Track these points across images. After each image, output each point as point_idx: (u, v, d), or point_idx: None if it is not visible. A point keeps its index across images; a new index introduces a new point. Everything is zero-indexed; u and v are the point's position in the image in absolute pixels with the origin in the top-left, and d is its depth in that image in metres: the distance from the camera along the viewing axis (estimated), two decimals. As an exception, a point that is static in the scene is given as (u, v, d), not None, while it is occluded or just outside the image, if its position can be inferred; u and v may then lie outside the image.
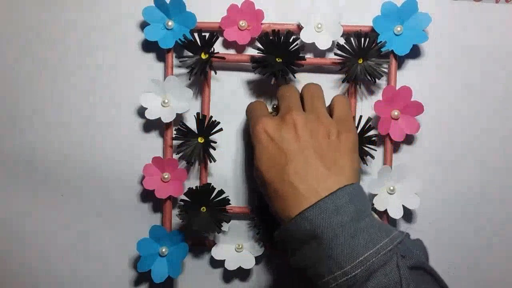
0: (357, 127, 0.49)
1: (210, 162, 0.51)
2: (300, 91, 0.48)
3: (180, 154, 0.50)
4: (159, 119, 0.50)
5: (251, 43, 0.51)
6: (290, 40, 0.48)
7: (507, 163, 0.53)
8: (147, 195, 0.53)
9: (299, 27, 0.50)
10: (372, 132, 0.50)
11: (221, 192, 0.50)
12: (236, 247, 0.52)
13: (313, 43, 0.50)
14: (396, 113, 0.50)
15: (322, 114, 0.44)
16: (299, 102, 0.46)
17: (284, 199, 0.41)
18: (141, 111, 0.52)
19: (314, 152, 0.41)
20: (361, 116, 0.50)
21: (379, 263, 0.37)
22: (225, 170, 0.53)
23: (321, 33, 0.50)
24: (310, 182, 0.40)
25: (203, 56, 0.49)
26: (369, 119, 0.50)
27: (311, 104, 0.45)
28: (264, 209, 0.51)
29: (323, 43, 0.50)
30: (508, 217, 0.53)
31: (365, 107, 0.52)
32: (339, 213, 0.38)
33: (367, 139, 0.50)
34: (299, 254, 0.40)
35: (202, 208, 0.50)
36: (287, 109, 0.44)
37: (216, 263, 0.54)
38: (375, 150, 0.51)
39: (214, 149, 0.50)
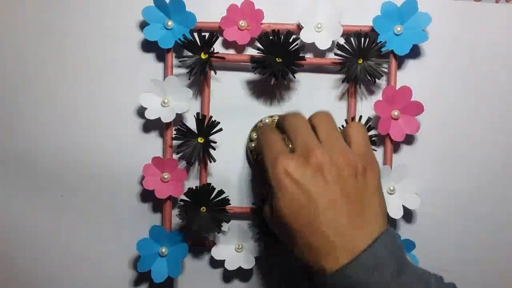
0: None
1: (210, 162, 0.51)
2: (308, 119, 0.44)
3: (180, 154, 0.50)
4: (159, 119, 0.50)
5: (251, 43, 0.51)
6: (290, 40, 0.48)
7: (507, 163, 0.53)
8: (147, 195, 0.53)
9: (299, 27, 0.50)
10: (372, 132, 0.50)
11: (221, 192, 0.50)
12: (236, 247, 0.52)
13: (313, 43, 0.50)
14: (396, 113, 0.50)
15: (344, 148, 0.40)
16: (314, 136, 0.41)
17: (316, 250, 0.38)
18: (141, 111, 0.52)
19: (344, 196, 0.38)
20: (361, 116, 0.50)
21: None
22: (225, 170, 0.53)
23: (321, 33, 0.50)
24: (345, 232, 0.37)
25: (203, 56, 0.49)
26: (369, 119, 0.50)
27: (327, 136, 0.41)
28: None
29: (323, 43, 0.50)
30: (508, 217, 0.53)
31: (365, 107, 0.52)
32: (380, 269, 0.36)
33: (367, 139, 0.50)
34: None
35: (202, 208, 0.50)
36: (306, 146, 0.40)
37: (216, 263, 0.54)
38: (375, 150, 0.51)
39: (214, 149, 0.50)
